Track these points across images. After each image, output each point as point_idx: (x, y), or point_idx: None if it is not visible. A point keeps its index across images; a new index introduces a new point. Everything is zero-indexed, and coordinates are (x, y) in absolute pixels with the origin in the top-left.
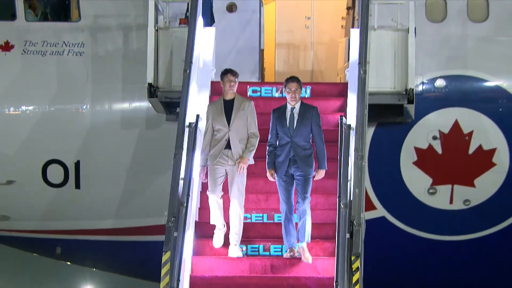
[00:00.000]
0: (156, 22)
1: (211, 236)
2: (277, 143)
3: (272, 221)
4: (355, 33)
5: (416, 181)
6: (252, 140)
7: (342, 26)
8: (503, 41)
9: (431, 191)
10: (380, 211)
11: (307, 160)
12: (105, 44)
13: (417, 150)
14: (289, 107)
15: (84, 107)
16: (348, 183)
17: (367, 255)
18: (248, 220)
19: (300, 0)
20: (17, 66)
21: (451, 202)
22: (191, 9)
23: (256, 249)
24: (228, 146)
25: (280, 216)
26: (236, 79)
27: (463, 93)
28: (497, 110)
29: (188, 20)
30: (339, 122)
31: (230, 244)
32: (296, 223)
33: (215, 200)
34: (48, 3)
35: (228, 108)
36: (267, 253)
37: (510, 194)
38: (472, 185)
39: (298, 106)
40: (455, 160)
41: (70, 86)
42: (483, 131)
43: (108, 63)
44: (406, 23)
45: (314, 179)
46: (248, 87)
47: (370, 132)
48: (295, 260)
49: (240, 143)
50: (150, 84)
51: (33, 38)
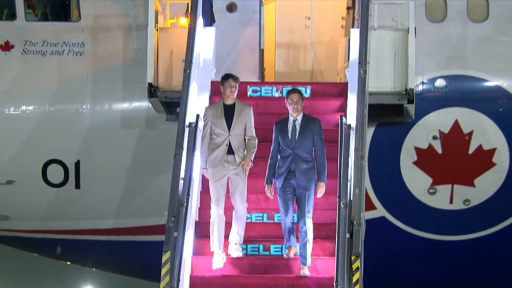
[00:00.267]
0: (156, 22)
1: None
2: (278, 156)
3: (272, 221)
4: (355, 33)
5: (416, 181)
6: (253, 142)
7: (342, 26)
8: (503, 41)
9: (431, 191)
10: (380, 211)
11: (308, 173)
12: (105, 44)
13: (417, 150)
14: (291, 119)
15: (84, 107)
16: (348, 183)
17: (367, 255)
18: (248, 220)
19: (300, 0)
20: (17, 66)
21: (451, 202)
22: (191, 9)
23: (256, 249)
24: (228, 152)
25: (280, 216)
26: (237, 84)
27: (463, 93)
28: (497, 110)
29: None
30: (339, 122)
31: (230, 243)
32: (297, 226)
33: (219, 216)
34: (48, 3)
35: (229, 113)
36: (267, 253)
37: (510, 194)
38: (472, 185)
39: (300, 118)
40: (455, 160)
41: (70, 86)
42: (483, 131)
43: (108, 63)
44: (406, 23)
45: (317, 196)
46: (248, 87)
47: (370, 132)
48: (295, 260)
49: (240, 148)
50: (150, 84)
51: (33, 38)
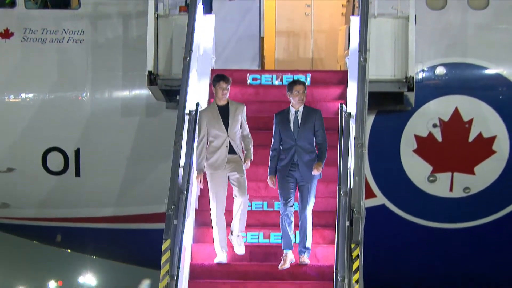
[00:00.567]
0: (156, 9)
1: (211, 224)
2: (280, 148)
3: (272, 209)
4: (355, 20)
5: (416, 169)
6: (251, 141)
7: (342, 14)
8: (503, 28)
9: (431, 178)
10: (380, 199)
11: (311, 165)
12: (105, 32)
13: (417, 138)
14: (292, 110)
15: (84, 94)
16: (348, 171)
17: (366, 243)
18: (248, 208)
19: None
20: (16, 53)
21: (451, 189)
22: None
23: (256, 236)
24: (230, 152)
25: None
26: (229, 86)
27: (463, 80)
28: (497, 98)
29: (188, 8)
30: (339, 110)
31: (232, 233)
32: (295, 228)
33: (220, 217)
34: None
35: (224, 113)
36: (267, 240)
37: (510, 181)
38: (472, 172)
39: (301, 109)
40: (455, 147)
41: (70, 73)
42: (483, 118)
43: (108, 50)
44: (406, 11)
45: (313, 172)
46: (248, 74)
47: (370, 120)
48: (295, 248)
49: (239, 147)
50: (150, 72)
51: (32, 26)
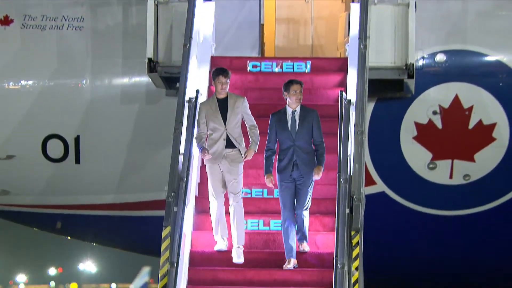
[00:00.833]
0: None
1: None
2: (275, 148)
3: (272, 196)
4: (355, 7)
5: (416, 156)
6: (255, 132)
7: (342, 1)
8: (504, 15)
9: (431, 166)
10: (380, 186)
11: (309, 164)
12: (105, 19)
13: (417, 125)
14: (289, 110)
15: (84, 82)
16: (348, 158)
17: (366, 230)
18: (248, 195)
19: None
20: (16, 40)
21: (451, 177)
22: None
23: (256, 224)
24: (227, 146)
25: None
26: (228, 80)
27: (463, 67)
28: (497, 85)
29: None
30: (339, 97)
31: (233, 246)
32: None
33: (219, 208)
34: None
35: (223, 107)
36: (267, 228)
37: (510, 168)
38: (472, 160)
39: (298, 109)
40: (455, 135)
41: (70, 60)
42: (483, 105)
43: (108, 37)
44: None
45: (313, 178)
46: (248, 62)
47: (370, 107)
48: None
49: (240, 137)
50: (149, 59)
51: (32, 13)
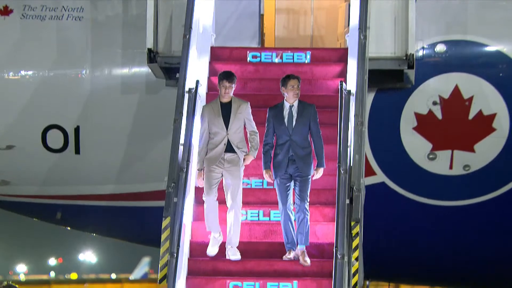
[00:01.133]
0: None
1: None
2: (273, 142)
3: (271, 187)
4: None
5: (416, 146)
6: (255, 138)
7: None
8: (504, 5)
9: (431, 156)
10: (380, 177)
11: (307, 159)
12: (104, 9)
13: (417, 115)
14: (287, 105)
15: (84, 72)
16: (348, 149)
17: (366, 221)
18: (248, 186)
19: None
20: (16, 31)
21: (451, 167)
22: None
23: (256, 214)
24: (227, 150)
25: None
26: (233, 85)
27: (463, 58)
28: (497, 75)
29: None
30: (339, 87)
31: (227, 247)
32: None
33: (211, 203)
34: None
35: (226, 111)
36: (267, 218)
37: (510, 159)
38: (472, 150)
39: (296, 103)
40: (455, 125)
41: (70, 51)
42: (483, 96)
43: (107, 28)
44: None
45: (313, 178)
46: (248, 52)
47: (370, 97)
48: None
49: (241, 142)
50: (149, 49)
51: (32, 3)
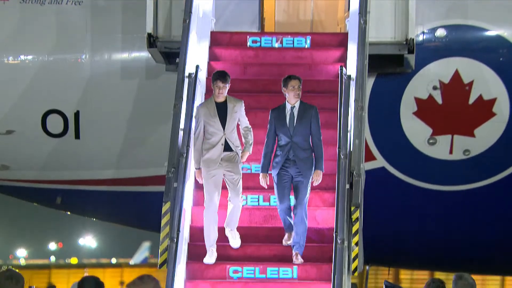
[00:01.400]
0: None
1: None
2: (274, 144)
3: (271, 171)
4: None
5: (416, 131)
6: (250, 134)
7: None
8: None
9: (431, 141)
10: (379, 162)
11: (307, 161)
12: None
13: (417, 100)
14: (288, 106)
15: (84, 57)
16: (348, 133)
17: (366, 206)
18: (248, 171)
19: None
20: (15, 15)
21: (451, 152)
22: None
23: (256, 199)
24: (224, 150)
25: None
26: (227, 85)
27: (463, 42)
28: (497, 60)
29: None
30: (339, 72)
31: (226, 229)
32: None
33: (211, 214)
34: None
35: (221, 111)
36: (267, 203)
37: (510, 144)
38: (472, 135)
39: (297, 105)
40: (455, 110)
41: (69, 35)
42: (484, 81)
43: (107, 12)
44: None
45: (313, 184)
46: (248, 37)
47: (370, 82)
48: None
49: (236, 141)
50: (149, 34)
51: None
